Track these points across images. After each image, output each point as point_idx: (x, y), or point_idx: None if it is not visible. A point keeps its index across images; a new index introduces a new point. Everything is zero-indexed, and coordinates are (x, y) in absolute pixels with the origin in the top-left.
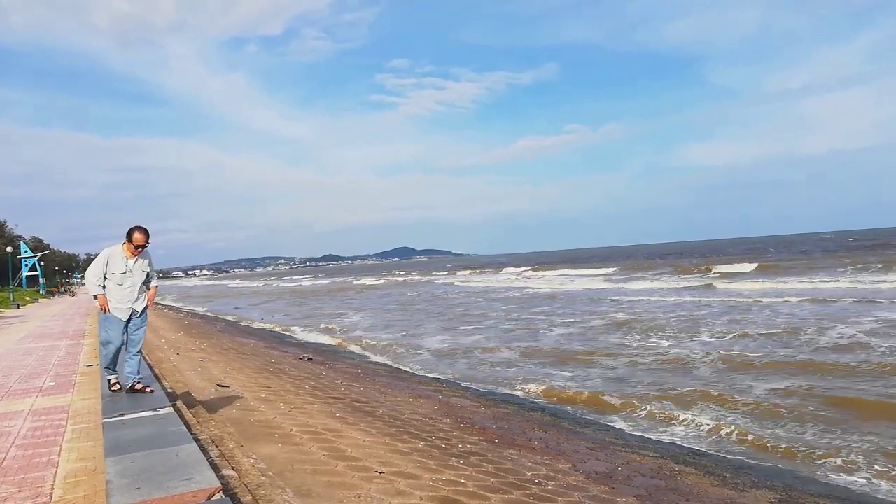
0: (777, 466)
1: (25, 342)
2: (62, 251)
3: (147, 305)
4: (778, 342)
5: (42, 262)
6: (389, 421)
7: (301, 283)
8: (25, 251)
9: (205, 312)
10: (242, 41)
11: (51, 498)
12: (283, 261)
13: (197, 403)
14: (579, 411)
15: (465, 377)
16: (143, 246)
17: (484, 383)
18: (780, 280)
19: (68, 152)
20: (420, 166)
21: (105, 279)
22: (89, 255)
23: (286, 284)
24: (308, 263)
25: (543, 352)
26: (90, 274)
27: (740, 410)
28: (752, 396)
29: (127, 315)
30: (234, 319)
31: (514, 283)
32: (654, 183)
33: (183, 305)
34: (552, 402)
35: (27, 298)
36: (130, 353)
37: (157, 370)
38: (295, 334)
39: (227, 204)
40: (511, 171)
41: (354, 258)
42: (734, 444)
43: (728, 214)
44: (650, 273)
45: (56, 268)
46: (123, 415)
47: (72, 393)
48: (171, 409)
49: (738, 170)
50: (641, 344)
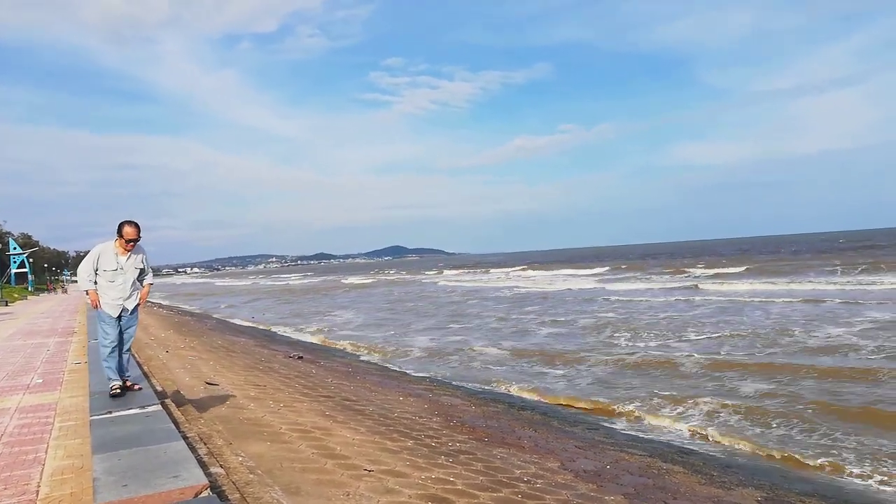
0: (764, 465)
1: (13, 339)
2: (52, 248)
3: (139, 303)
4: (765, 343)
5: (31, 260)
6: (379, 419)
7: (289, 281)
8: (14, 248)
9: (194, 310)
10: (236, 38)
11: (37, 495)
12: (274, 259)
13: (185, 401)
14: (569, 410)
15: (454, 376)
16: (135, 240)
17: (474, 382)
18: (769, 281)
19: (59, 150)
20: (413, 165)
21: (96, 275)
22: (79, 252)
23: (274, 283)
24: (300, 261)
25: (532, 351)
26: (81, 270)
27: (727, 410)
28: (739, 396)
29: (118, 312)
30: (223, 317)
31: (505, 283)
32: (647, 183)
33: (169, 303)
34: (542, 401)
35: (16, 295)
36: (121, 351)
37: (145, 368)
38: (281, 332)
39: (220, 202)
40: (504, 170)
41: (346, 256)
42: (721, 443)
43: (720, 214)
44: (641, 273)
45: (45, 265)
46: (111, 412)
47: (59, 390)
48: (160, 406)
49: (731, 170)
50: (630, 344)
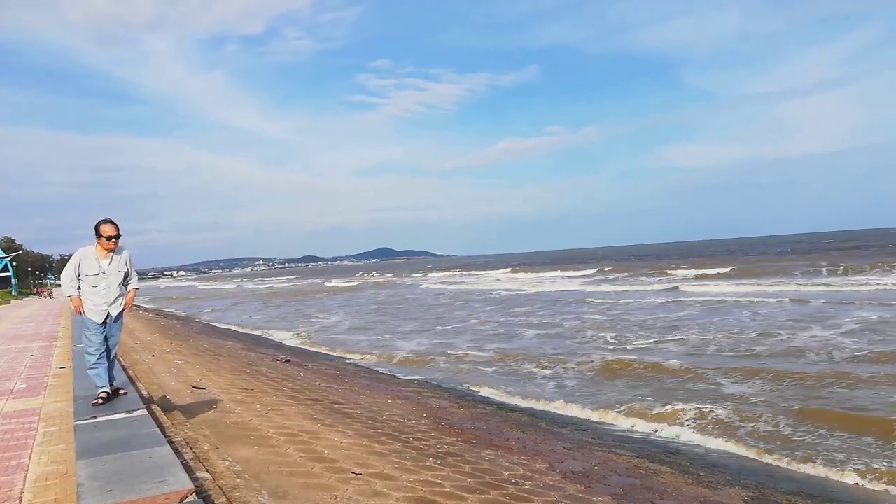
0: (750, 465)
1: None
2: (35, 252)
3: (124, 309)
4: (749, 344)
5: (14, 263)
6: (367, 422)
7: (273, 284)
8: None
9: (180, 313)
10: (222, 40)
11: (20, 502)
12: (261, 261)
13: (172, 406)
14: (556, 412)
15: (443, 379)
16: (115, 237)
17: (461, 384)
18: (754, 282)
19: (44, 151)
20: (401, 167)
21: (79, 281)
22: (63, 255)
23: (258, 286)
24: (287, 264)
25: (518, 354)
26: (64, 276)
27: (713, 411)
28: (725, 397)
29: (102, 317)
30: (209, 321)
31: (492, 286)
32: (634, 185)
33: (154, 307)
34: (528, 403)
35: None
36: (107, 357)
37: (131, 372)
38: (265, 336)
39: (206, 204)
40: (492, 172)
41: (334, 259)
42: (708, 443)
43: (707, 216)
44: (628, 275)
45: (29, 269)
46: (96, 417)
47: (44, 395)
48: (145, 411)
49: (718, 172)
50: (615, 346)
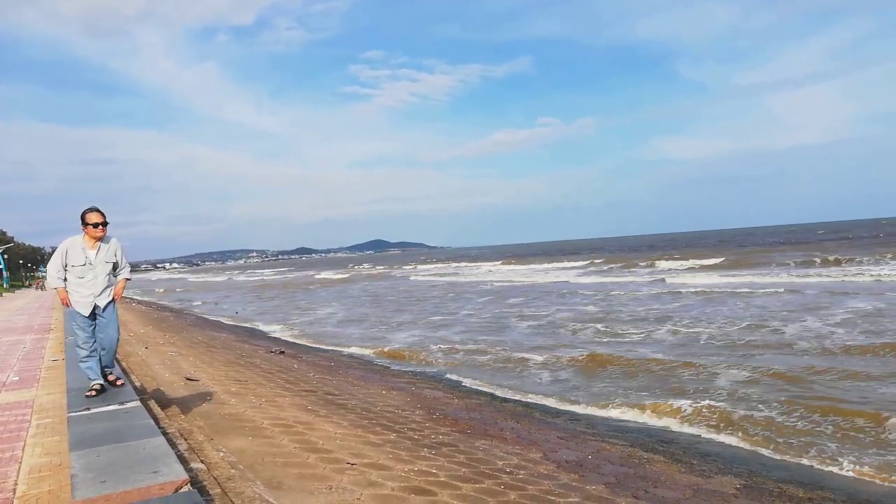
0: (742, 454)
1: None
2: (27, 244)
3: (114, 299)
4: (743, 334)
5: (6, 256)
6: (362, 413)
7: (264, 277)
8: None
9: (174, 306)
10: (213, 31)
11: (14, 493)
12: (255, 254)
13: (166, 397)
14: (550, 402)
15: (436, 371)
16: (102, 224)
17: (456, 376)
18: (748, 272)
19: (35, 144)
20: (394, 159)
21: (66, 272)
22: (55, 248)
23: (249, 279)
24: (280, 256)
25: (510, 345)
26: (50, 267)
27: (706, 401)
28: (717, 387)
29: (89, 310)
30: (202, 313)
31: (484, 277)
32: (627, 176)
33: (147, 299)
34: (522, 394)
35: None
36: (103, 348)
37: (125, 364)
38: (252, 328)
39: (200, 197)
40: (485, 163)
41: (328, 251)
42: (701, 432)
43: (700, 207)
44: (620, 266)
45: (21, 261)
46: (89, 409)
47: (36, 388)
48: (139, 402)
49: (710, 164)
50: (608, 337)
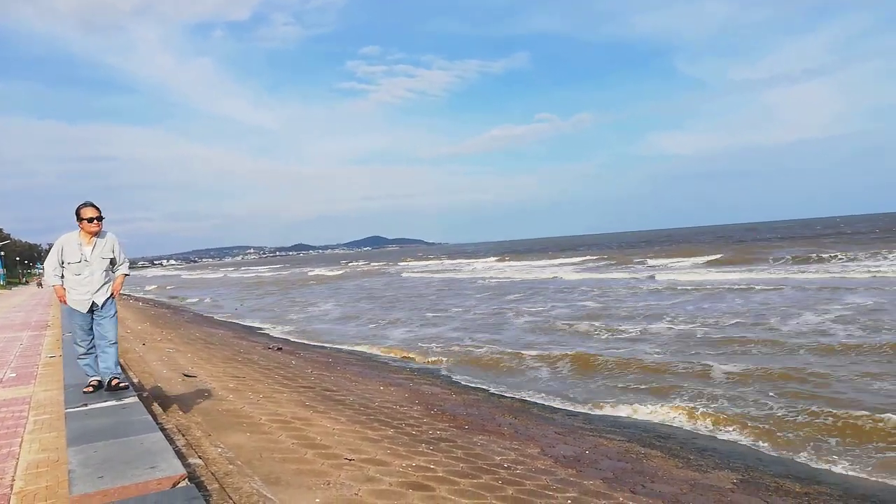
0: (739, 449)
1: None
2: (24, 241)
3: (112, 296)
4: (741, 330)
5: (2, 253)
6: (360, 409)
7: (259, 273)
8: None
9: (171, 303)
10: (209, 26)
11: (11, 489)
12: (252, 250)
13: (163, 393)
14: (547, 399)
15: (433, 367)
16: (97, 219)
17: (453, 373)
18: (747, 268)
19: (31, 140)
20: (391, 155)
21: (62, 269)
22: (52, 244)
23: (243, 276)
24: (278, 253)
25: (508, 341)
26: (47, 264)
27: (703, 397)
28: (714, 383)
29: (86, 307)
30: (199, 310)
31: (480, 274)
32: (624, 172)
33: (143, 296)
34: (519, 391)
35: None
36: (101, 347)
37: (122, 361)
38: (245, 325)
39: (197, 193)
40: (483, 159)
41: (325, 247)
42: (698, 428)
43: (696, 202)
44: (618, 262)
45: (17, 258)
46: (87, 405)
47: (34, 384)
48: (136, 398)
49: (707, 159)
50: (605, 333)
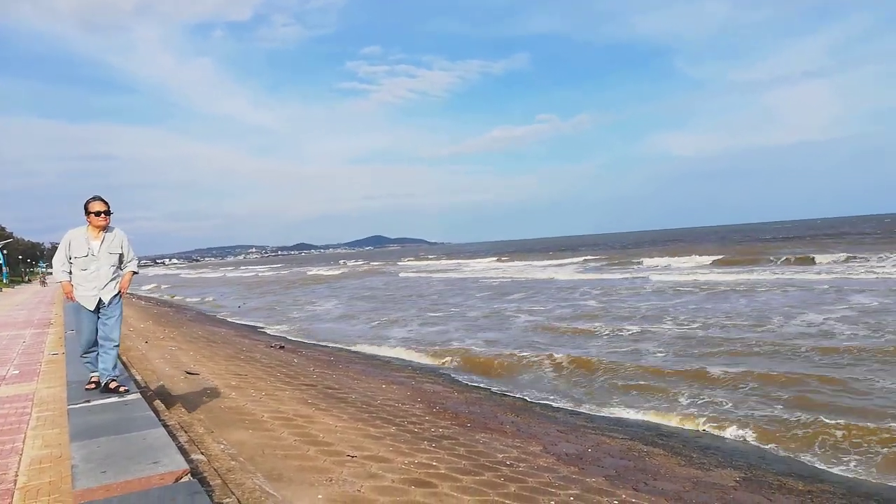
0: (742, 448)
1: None
2: (26, 240)
3: (119, 293)
4: (744, 330)
5: (5, 252)
6: (362, 407)
7: (258, 273)
8: None
9: (174, 301)
10: (209, 26)
11: (14, 485)
12: (254, 249)
13: (166, 391)
14: (550, 397)
15: (436, 365)
16: (105, 213)
17: (454, 372)
18: (749, 268)
19: (31, 139)
20: (393, 155)
21: (70, 264)
22: (54, 243)
23: (242, 275)
24: (280, 252)
25: (509, 340)
26: (55, 260)
27: (705, 396)
28: (717, 383)
29: (94, 303)
30: (204, 308)
31: (480, 274)
32: (624, 172)
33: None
34: (521, 388)
35: None
36: (105, 348)
37: (125, 358)
38: (243, 324)
39: (199, 193)
40: (484, 159)
41: (327, 246)
42: (701, 426)
43: (697, 202)
44: (620, 262)
45: (20, 257)
46: (90, 401)
47: (36, 381)
48: (139, 394)
49: (707, 159)
50: (607, 332)
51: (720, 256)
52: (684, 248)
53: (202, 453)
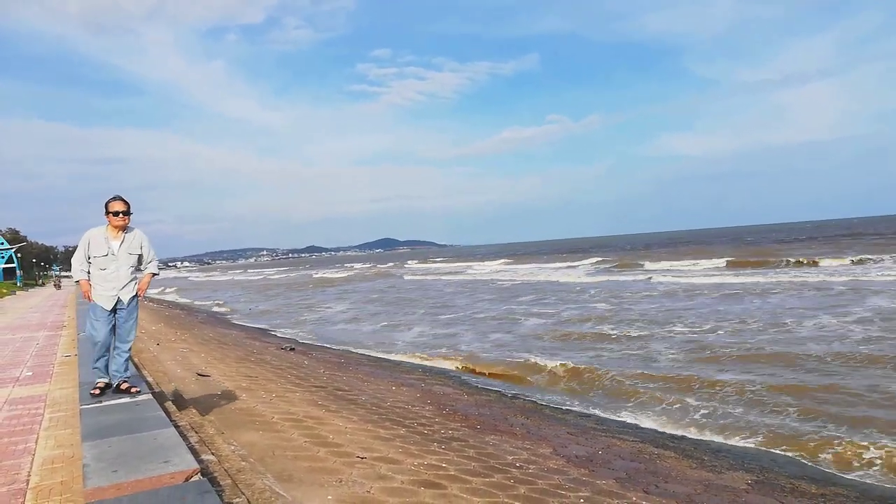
0: (753, 451)
1: (2, 333)
2: (40, 243)
3: (137, 294)
4: (754, 333)
5: (19, 255)
6: (372, 408)
7: (267, 276)
8: (1, 243)
9: (186, 304)
10: (222, 29)
11: (27, 484)
12: (265, 252)
13: (177, 392)
14: (560, 399)
15: (446, 367)
16: (125, 213)
17: (464, 374)
18: (761, 270)
19: (40, 142)
20: (402, 157)
21: (89, 264)
22: (67, 247)
23: (250, 278)
24: (290, 255)
25: (519, 343)
26: (74, 259)
27: (716, 398)
28: (726, 384)
29: (111, 303)
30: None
31: (495, 275)
32: (635, 173)
33: (160, 298)
34: (532, 390)
35: (4, 291)
36: (119, 350)
37: (136, 360)
38: (252, 326)
39: (209, 195)
40: (493, 161)
41: (337, 249)
42: (712, 428)
43: (708, 203)
44: (630, 264)
45: (34, 259)
46: (102, 401)
47: (49, 382)
48: (150, 395)
49: (718, 160)
50: (617, 334)
51: (732, 258)
52: (695, 251)
53: (213, 454)
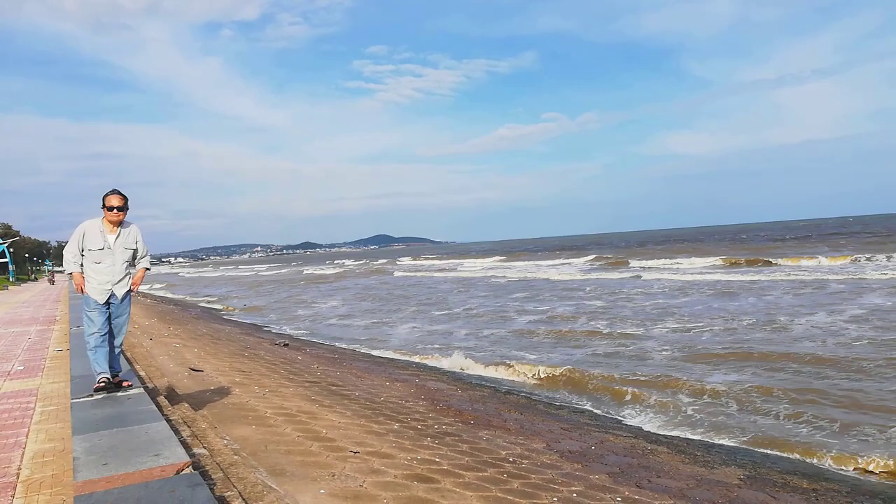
0: (745, 446)
1: None
2: (32, 238)
3: (131, 289)
4: (748, 330)
5: (11, 249)
6: (365, 403)
7: (258, 272)
8: None
9: (178, 298)
10: (217, 25)
11: (17, 478)
12: (259, 248)
13: (169, 387)
14: (554, 394)
15: (439, 363)
16: (121, 208)
17: (458, 369)
18: (758, 268)
19: (37, 138)
20: (398, 154)
21: (82, 257)
22: (60, 242)
23: (240, 274)
24: (285, 251)
25: (513, 339)
26: (67, 251)
27: (707, 393)
28: (720, 381)
29: (105, 297)
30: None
31: (490, 272)
32: (631, 171)
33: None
34: (526, 386)
35: None
36: (111, 344)
37: (129, 354)
38: (255, 322)
39: (204, 191)
40: (490, 159)
41: (332, 245)
42: (704, 424)
43: (704, 202)
44: (626, 262)
45: (26, 255)
46: (93, 395)
47: (41, 376)
48: (142, 389)
49: (715, 159)
50: (608, 332)
51: (728, 256)
52: (691, 248)
53: (205, 447)
